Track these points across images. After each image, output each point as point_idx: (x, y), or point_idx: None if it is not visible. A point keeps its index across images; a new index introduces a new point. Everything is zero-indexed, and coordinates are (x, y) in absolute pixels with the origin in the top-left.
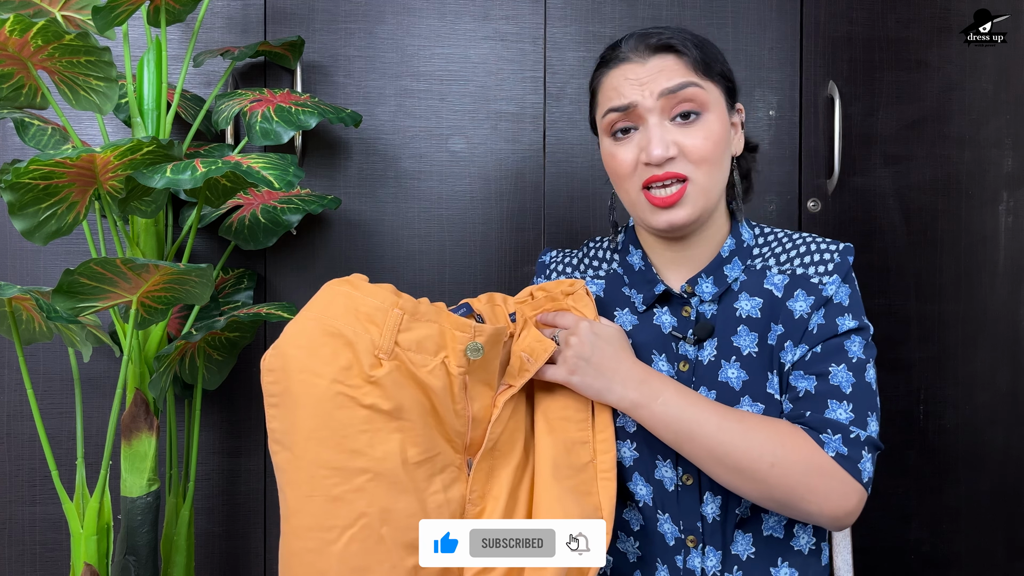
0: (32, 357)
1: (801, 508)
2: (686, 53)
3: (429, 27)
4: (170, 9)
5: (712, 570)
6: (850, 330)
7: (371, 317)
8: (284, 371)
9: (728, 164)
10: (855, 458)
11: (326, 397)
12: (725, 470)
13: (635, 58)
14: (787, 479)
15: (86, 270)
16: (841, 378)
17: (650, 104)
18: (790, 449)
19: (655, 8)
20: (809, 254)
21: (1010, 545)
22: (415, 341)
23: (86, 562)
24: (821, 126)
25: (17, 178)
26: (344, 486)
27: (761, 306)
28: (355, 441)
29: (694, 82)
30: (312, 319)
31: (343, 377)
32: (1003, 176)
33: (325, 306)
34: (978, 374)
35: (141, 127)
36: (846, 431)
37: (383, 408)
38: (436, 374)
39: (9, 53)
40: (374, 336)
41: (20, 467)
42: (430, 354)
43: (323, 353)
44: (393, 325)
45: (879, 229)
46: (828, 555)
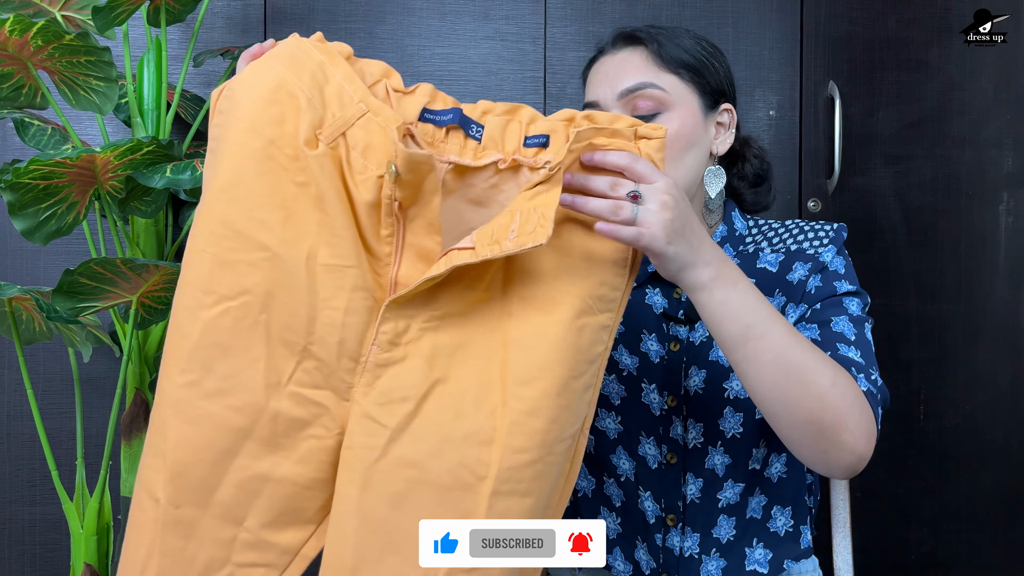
0: (32, 357)
1: (839, 439)
2: (648, 45)
3: (429, 27)
4: (170, 9)
5: (689, 551)
6: (848, 292)
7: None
8: (228, 116)
9: (694, 161)
10: (876, 400)
11: (256, 157)
12: (787, 378)
13: (609, 49)
14: (843, 401)
15: (86, 270)
16: (843, 327)
17: (611, 102)
18: (843, 373)
19: (655, 8)
20: (802, 232)
21: (1010, 545)
22: (364, 143)
23: (86, 562)
24: (821, 126)
25: (17, 178)
26: (239, 254)
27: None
28: (268, 213)
29: (651, 83)
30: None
31: (281, 143)
32: (1003, 176)
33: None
34: (978, 374)
35: (141, 127)
36: (866, 371)
37: (312, 192)
38: (368, 186)
39: (9, 53)
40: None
41: (20, 467)
42: (373, 163)
43: (271, 111)
44: (349, 117)
45: (879, 229)
46: (809, 540)
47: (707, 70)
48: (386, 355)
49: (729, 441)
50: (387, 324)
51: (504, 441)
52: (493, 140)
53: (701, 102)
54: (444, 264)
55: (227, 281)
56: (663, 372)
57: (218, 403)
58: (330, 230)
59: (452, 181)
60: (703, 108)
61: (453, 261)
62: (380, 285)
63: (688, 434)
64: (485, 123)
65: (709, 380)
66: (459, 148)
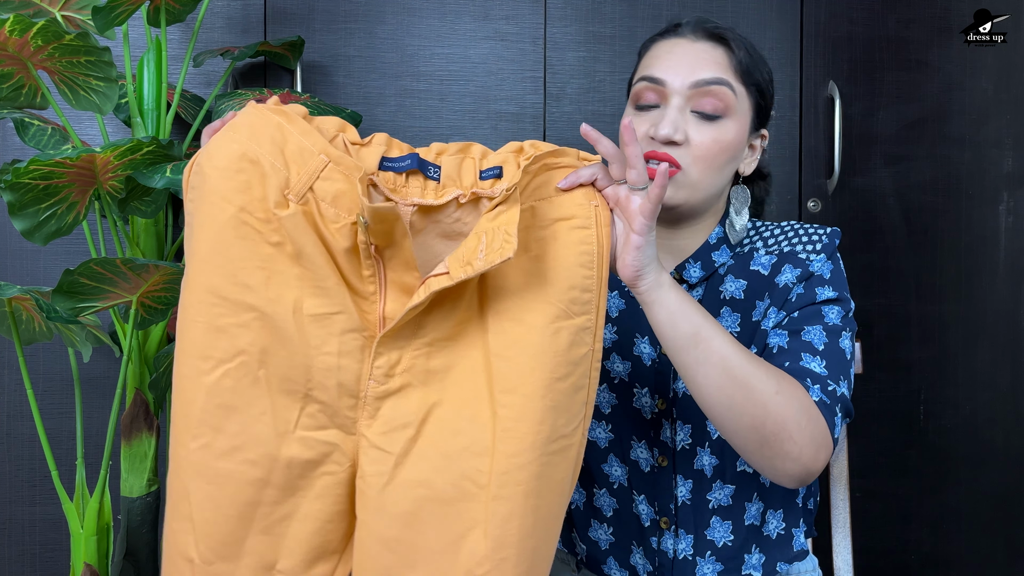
0: (32, 357)
1: (782, 448)
2: (735, 51)
3: (429, 27)
4: (170, 9)
5: (684, 553)
6: (828, 299)
7: (295, 157)
8: (200, 191)
9: (728, 174)
10: (832, 411)
11: (230, 225)
12: (732, 384)
13: (689, 35)
14: (785, 410)
15: (86, 270)
16: (814, 336)
17: (678, 87)
18: (788, 383)
19: (655, 8)
20: (797, 235)
21: (1010, 545)
22: (332, 193)
23: (86, 562)
24: (821, 126)
25: (17, 178)
26: (229, 318)
27: (745, 288)
28: (250, 276)
29: (728, 81)
30: (236, 139)
31: (252, 208)
32: (1003, 176)
33: (252, 132)
34: (978, 374)
35: (141, 127)
36: (824, 381)
37: (287, 250)
38: (344, 233)
39: (9, 53)
40: (292, 175)
41: (20, 467)
42: (344, 211)
43: (238, 179)
44: (313, 171)
45: (879, 229)
46: (804, 542)
47: (765, 95)
48: (383, 387)
49: (716, 442)
50: (380, 359)
51: (498, 448)
52: (451, 178)
53: (752, 121)
54: (424, 292)
55: (222, 345)
56: (654, 375)
57: (233, 460)
58: (312, 281)
59: (419, 220)
60: (751, 127)
61: (432, 288)
62: (369, 322)
63: (677, 436)
64: (441, 163)
65: None
66: (420, 190)
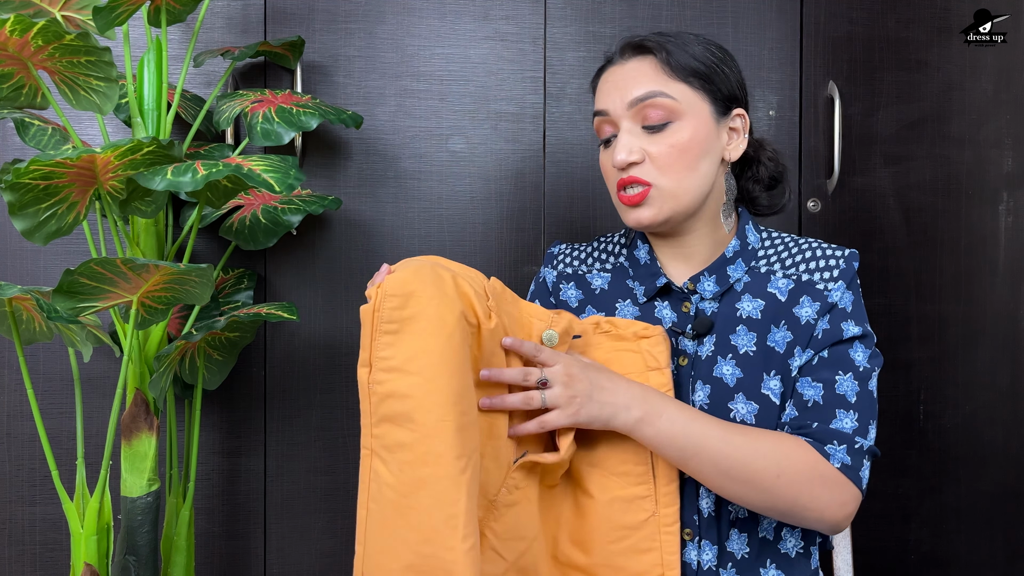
0: (32, 357)
1: (803, 516)
2: (657, 54)
3: (429, 27)
4: (170, 9)
5: (708, 564)
6: (854, 337)
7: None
8: (414, 297)
9: (707, 168)
10: (857, 467)
11: (458, 328)
12: (731, 482)
13: (618, 59)
14: (792, 488)
15: (86, 270)
16: (847, 387)
17: (621, 112)
18: (795, 460)
19: (655, 8)
20: (815, 259)
21: (1010, 545)
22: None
23: (86, 562)
24: (821, 126)
25: (17, 178)
26: (468, 416)
27: (763, 308)
28: (471, 377)
29: (661, 91)
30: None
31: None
32: (1003, 176)
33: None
34: (978, 374)
35: (141, 127)
36: (851, 441)
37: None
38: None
39: (9, 53)
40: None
41: (20, 467)
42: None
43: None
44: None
45: (879, 229)
46: (818, 559)
47: (717, 76)
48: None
49: None
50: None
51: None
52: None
53: (712, 109)
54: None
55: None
56: (673, 387)
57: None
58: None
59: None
60: (715, 115)
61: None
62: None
63: None
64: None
65: (713, 396)
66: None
